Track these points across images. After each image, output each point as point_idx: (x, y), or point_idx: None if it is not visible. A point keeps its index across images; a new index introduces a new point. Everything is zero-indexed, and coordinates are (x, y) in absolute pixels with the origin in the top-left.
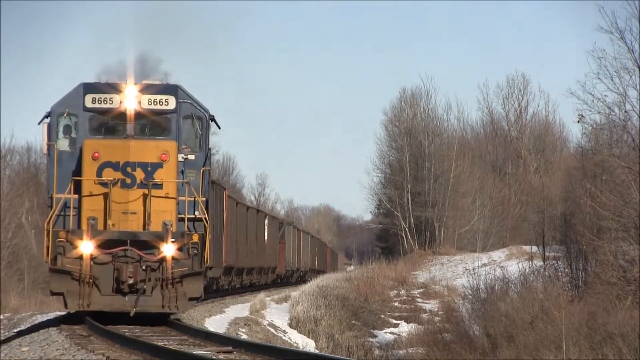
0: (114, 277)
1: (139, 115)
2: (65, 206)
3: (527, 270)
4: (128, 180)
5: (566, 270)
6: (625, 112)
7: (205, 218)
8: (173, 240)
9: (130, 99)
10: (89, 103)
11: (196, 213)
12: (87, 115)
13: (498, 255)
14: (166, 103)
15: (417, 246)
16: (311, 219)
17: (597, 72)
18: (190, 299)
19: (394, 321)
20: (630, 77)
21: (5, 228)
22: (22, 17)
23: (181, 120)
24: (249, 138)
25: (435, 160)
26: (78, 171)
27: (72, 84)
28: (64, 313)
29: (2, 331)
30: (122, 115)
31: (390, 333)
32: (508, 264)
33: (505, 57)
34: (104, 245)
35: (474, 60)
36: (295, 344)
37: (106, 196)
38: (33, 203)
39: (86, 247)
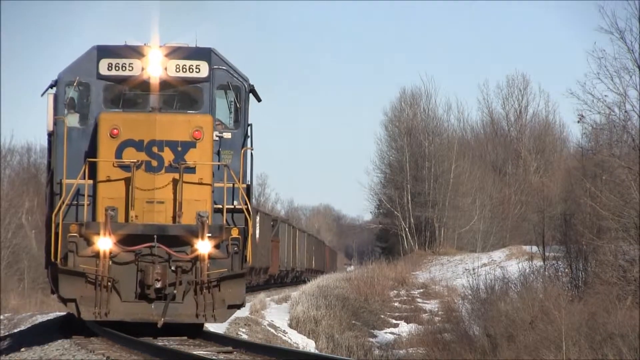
0: (138, 280)
1: (164, 84)
2: (78, 194)
3: (527, 270)
4: (154, 163)
5: (566, 270)
6: (625, 112)
7: (247, 209)
8: (209, 235)
9: (154, 65)
10: (104, 70)
11: (235, 203)
12: (102, 85)
13: (498, 255)
14: (197, 70)
15: (417, 246)
16: (311, 219)
17: (597, 72)
18: (230, 307)
19: (394, 321)
20: (630, 77)
21: (5, 228)
22: (22, 16)
23: (215, 90)
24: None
25: (435, 160)
26: (92, 152)
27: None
28: (64, 313)
29: (2, 331)
30: (144, 85)
31: (390, 333)
32: (508, 264)
33: (505, 57)
34: (125, 242)
35: (474, 60)
36: (295, 344)
37: (128, 182)
38: (33, 203)
39: (104, 243)
